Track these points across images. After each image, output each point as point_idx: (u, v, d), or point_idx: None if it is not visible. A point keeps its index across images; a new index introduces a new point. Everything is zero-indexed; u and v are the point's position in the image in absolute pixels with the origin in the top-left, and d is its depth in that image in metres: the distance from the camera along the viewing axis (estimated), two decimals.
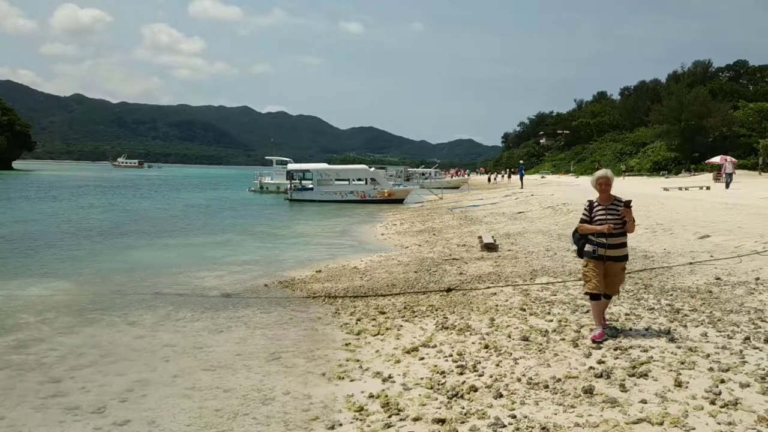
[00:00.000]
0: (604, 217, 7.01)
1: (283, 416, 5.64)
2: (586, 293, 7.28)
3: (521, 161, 71.05)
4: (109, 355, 7.71)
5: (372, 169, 48.55)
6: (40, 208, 34.63)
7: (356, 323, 8.99)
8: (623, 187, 36.76)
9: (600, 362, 6.30)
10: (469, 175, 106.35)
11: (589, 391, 5.52)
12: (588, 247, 7.17)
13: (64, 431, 5.48)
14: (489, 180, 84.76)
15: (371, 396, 5.96)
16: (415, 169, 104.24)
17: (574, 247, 7.50)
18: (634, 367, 6.05)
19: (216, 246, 19.50)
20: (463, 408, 5.44)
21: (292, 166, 52.42)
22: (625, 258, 7.17)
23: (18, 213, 31.30)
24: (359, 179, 45.62)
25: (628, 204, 7.01)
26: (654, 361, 6.23)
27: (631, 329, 7.40)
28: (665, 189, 34.13)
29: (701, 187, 33.31)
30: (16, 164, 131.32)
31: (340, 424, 5.36)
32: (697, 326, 7.39)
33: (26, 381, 6.80)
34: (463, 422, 5.13)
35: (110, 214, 32.24)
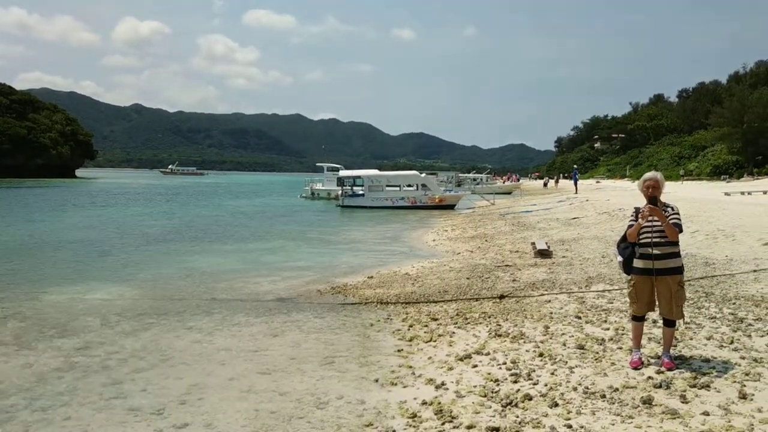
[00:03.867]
0: (651, 224, 6.29)
1: (336, 421, 5.69)
2: (631, 316, 6.63)
3: (575, 166, 69.85)
4: (168, 359, 7.92)
5: (423, 174, 48.51)
6: (100, 215, 35.86)
7: (408, 329, 9.00)
8: (682, 192, 35.74)
9: (659, 372, 6.14)
10: (520, 180, 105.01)
11: (648, 402, 5.39)
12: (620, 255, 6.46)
13: (126, 431, 5.65)
14: (545, 185, 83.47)
15: (424, 403, 5.95)
16: (466, 175, 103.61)
17: (619, 259, 6.59)
18: (695, 378, 5.87)
19: (269, 252, 19.81)
20: (518, 417, 5.38)
21: (343, 173, 52.83)
22: (678, 271, 6.28)
23: (80, 220, 32.49)
24: (410, 185, 45.63)
25: (654, 202, 6.25)
26: (716, 371, 6.04)
27: (691, 338, 7.19)
28: (726, 194, 33.00)
29: (765, 192, 32.07)
30: (78, 172, 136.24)
31: (394, 430, 5.38)
32: (762, 336, 7.13)
33: (91, 382, 7.04)
34: (517, 431, 5.08)
35: (166, 221, 33.11)
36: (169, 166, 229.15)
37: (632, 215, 6.55)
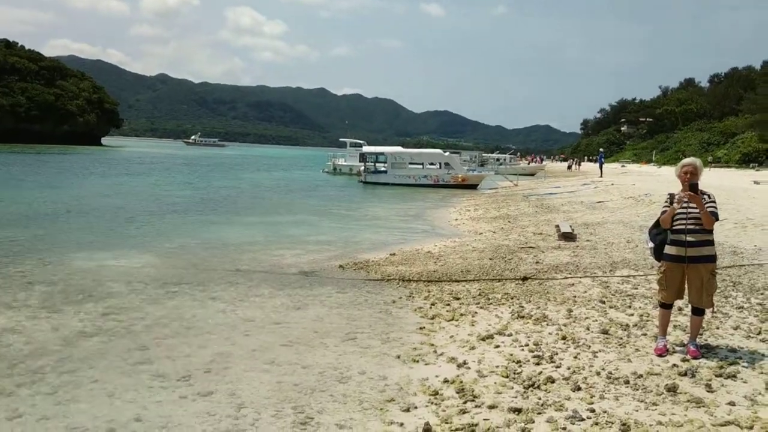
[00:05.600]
0: (686, 211, 6.17)
1: (359, 395, 5.73)
2: (659, 303, 6.59)
3: (601, 149, 68.95)
4: (193, 328, 8.02)
5: (446, 153, 48.26)
6: (124, 183, 36.26)
7: (430, 308, 9.01)
8: (709, 179, 35.16)
9: (684, 360, 6.09)
10: (544, 162, 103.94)
11: (672, 390, 5.35)
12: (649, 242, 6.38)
13: (153, 396, 5.74)
14: (569, 167, 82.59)
15: (446, 381, 5.97)
16: (489, 155, 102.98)
17: (650, 245, 6.52)
18: (721, 368, 5.82)
19: (292, 225, 19.91)
20: (540, 399, 5.38)
21: (366, 149, 52.77)
22: (711, 259, 6.19)
23: (106, 187, 32.89)
24: (433, 163, 45.44)
25: (694, 188, 6.10)
26: (743, 362, 5.97)
27: (717, 328, 7.11)
28: (756, 182, 32.41)
29: None
30: (104, 140, 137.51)
31: (415, 407, 5.41)
32: None
33: (117, 347, 7.16)
34: (539, 413, 5.08)
35: (189, 191, 33.38)
36: (192, 137, 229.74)
37: (666, 201, 6.43)
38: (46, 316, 8.41)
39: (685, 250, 6.19)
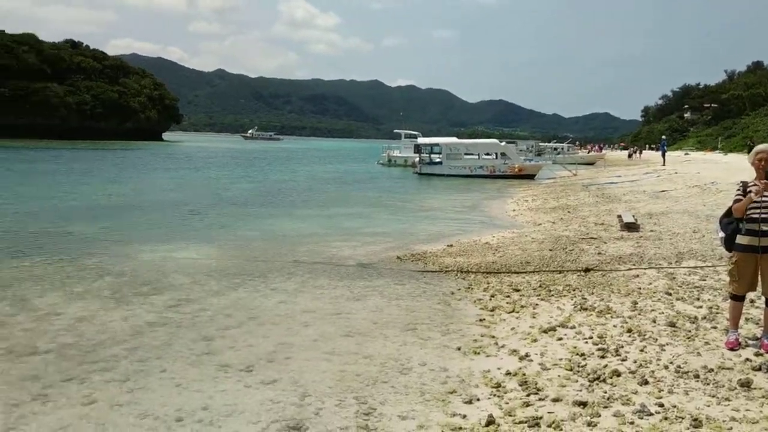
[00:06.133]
0: (761, 199, 5.91)
1: (420, 387, 5.73)
2: (730, 295, 6.36)
3: (663, 137, 66.77)
4: (255, 318, 8.16)
5: (503, 143, 47.70)
6: (184, 177, 37.19)
7: (490, 299, 8.93)
8: None
9: (758, 355, 5.86)
10: (603, 150, 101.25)
11: (746, 385, 5.15)
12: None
13: (218, 386, 5.88)
14: (629, 156, 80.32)
15: (508, 373, 5.91)
16: (546, 144, 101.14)
17: (721, 235, 6.30)
18: None
19: (348, 217, 20.04)
20: (606, 392, 5.27)
21: (421, 140, 52.64)
22: None
23: (167, 181, 33.82)
24: (489, 154, 44.97)
25: None
26: None
27: None
28: None
29: None
30: (165, 135, 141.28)
31: (478, 399, 5.37)
32: None
33: (183, 337, 7.36)
34: (606, 407, 4.97)
35: (246, 184, 34.02)
36: (249, 131, 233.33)
37: (738, 189, 6.18)
38: (116, 306, 8.71)
39: (758, 240, 5.94)
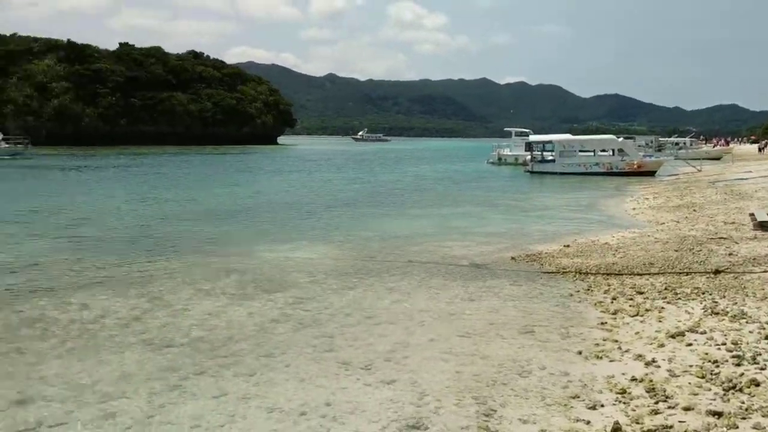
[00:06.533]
0: None
1: (540, 391, 5.63)
2: None
3: None
4: (372, 317, 8.32)
5: (620, 139, 45.79)
6: (298, 179, 38.42)
7: (611, 302, 8.62)
8: None
9: None
10: (730, 144, 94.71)
11: None
12: None
13: (340, 383, 6.04)
14: (760, 150, 74.69)
15: (634, 379, 5.69)
16: (666, 139, 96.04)
17: None
18: None
19: (459, 217, 19.96)
20: (743, 403, 4.95)
21: (532, 138, 51.47)
22: None
23: (283, 184, 35.09)
24: (605, 150, 43.26)
25: None
26: None
27: None
28: None
29: None
30: (279, 139, 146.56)
31: (602, 405, 5.21)
32: None
33: (304, 334, 7.62)
34: (744, 418, 4.68)
35: (357, 185, 34.66)
36: (360, 133, 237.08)
37: None
38: (242, 303, 9.15)
39: None
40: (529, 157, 46.29)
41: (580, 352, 6.61)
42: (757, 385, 5.27)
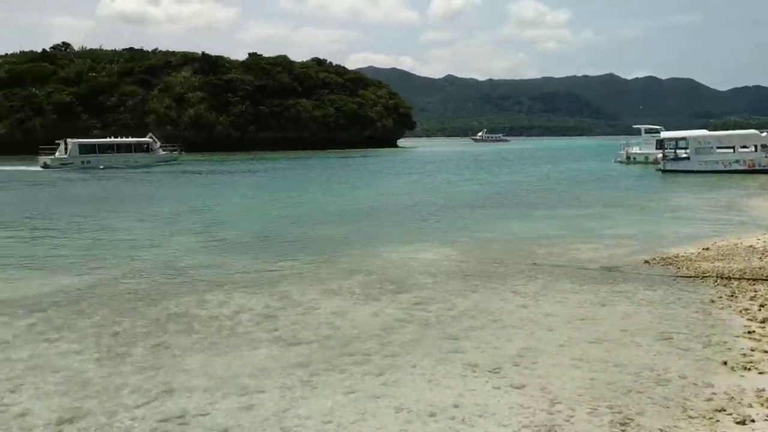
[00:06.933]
0: None
1: (682, 402, 5.32)
2: None
3: None
4: (497, 321, 8.20)
5: (764, 134, 42.35)
6: (417, 181, 38.65)
7: (759, 309, 8.00)
8: None
9: None
10: None
11: None
12: None
13: (467, 385, 6.00)
14: None
15: None
16: None
17: None
18: None
19: (586, 218, 19.26)
20: None
21: (664, 134, 48.72)
22: None
23: (404, 185, 35.44)
24: (746, 146, 40.16)
25: None
26: None
27: None
28: None
29: None
30: (399, 142, 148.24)
31: (752, 420, 4.84)
32: None
33: (430, 335, 7.65)
34: None
35: (480, 186, 34.39)
36: (479, 134, 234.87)
37: None
38: (367, 303, 9.33)
39: None
40: (660, 155, 43.89)
41: (725, 363, 6.19)
42: None
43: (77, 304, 9.48)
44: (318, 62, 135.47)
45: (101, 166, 53.51)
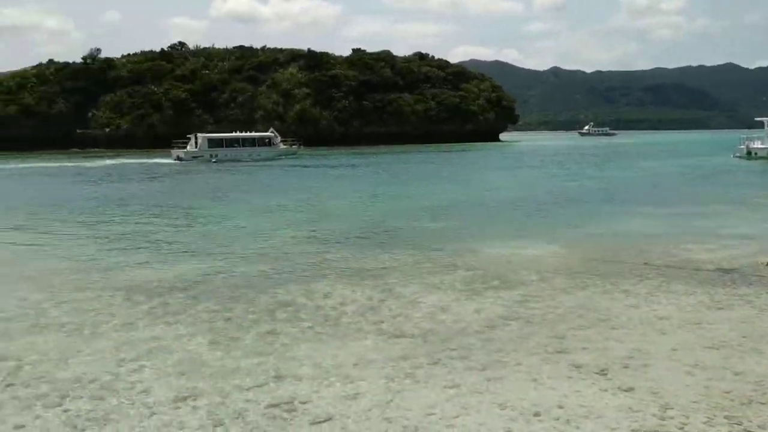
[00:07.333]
0: None
1: None
2: None
3: None
4: (606, 321, 7.95)
5: None
6: (522, 175, 37.96)
7: None
8: None
9: None
10: None
11: None
12: None
13: (572, 386, 5.86)
14: None
15: None
16: None
17: None
18: None
19: (701, 216, 18.29)
20: None
21: None
22: None
23: (506, 180, 34.95)
24: None
25: None
26: None
27: None
28: None
29: None
30: (501, 136, 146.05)
31: None
32: None
33: (534, 333, 7.52)
34: None
35: (586, 181, 33.37)
36: (585, 127, 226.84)
37: None
38: (469, 298, 9.31)
39: None
40: None
41: None
42: None
43: (192, 290, 10.05)
44: (420, 56, 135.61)
45: (214, 159, 57.94)
